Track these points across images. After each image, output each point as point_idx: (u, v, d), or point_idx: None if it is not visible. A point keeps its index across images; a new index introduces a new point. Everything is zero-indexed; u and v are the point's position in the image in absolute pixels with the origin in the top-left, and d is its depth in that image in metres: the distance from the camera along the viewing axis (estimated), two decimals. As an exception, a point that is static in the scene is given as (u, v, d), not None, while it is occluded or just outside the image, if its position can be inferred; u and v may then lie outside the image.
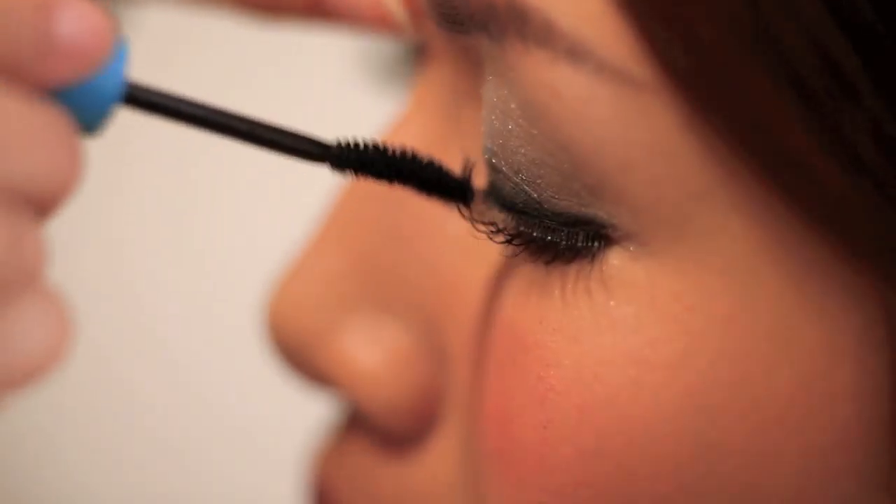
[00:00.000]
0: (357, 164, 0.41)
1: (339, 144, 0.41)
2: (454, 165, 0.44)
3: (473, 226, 0.42)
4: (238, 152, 0.49)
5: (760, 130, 0.37)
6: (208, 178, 1.04)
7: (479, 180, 0.43)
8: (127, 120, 0.42)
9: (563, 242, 0.40)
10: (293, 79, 1.07)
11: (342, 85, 0.99)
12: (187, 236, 1.06)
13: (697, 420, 0.40)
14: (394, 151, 0.41)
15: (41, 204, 0.36)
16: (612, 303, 0.40)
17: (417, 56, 0.52)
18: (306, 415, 0.69)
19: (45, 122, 0.35)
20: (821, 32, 0.36)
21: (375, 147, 0.41)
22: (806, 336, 0.39)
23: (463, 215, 0.42)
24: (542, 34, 0.38)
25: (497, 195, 0.41)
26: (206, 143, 0.43)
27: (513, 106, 0.40)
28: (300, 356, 0.49)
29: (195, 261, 1.05)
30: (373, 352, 0.47)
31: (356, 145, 0.41)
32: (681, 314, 0.40)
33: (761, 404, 0.40)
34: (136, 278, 1.05)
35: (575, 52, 0.38)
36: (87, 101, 0.37)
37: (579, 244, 0.40)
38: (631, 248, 0.40)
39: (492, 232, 0.42)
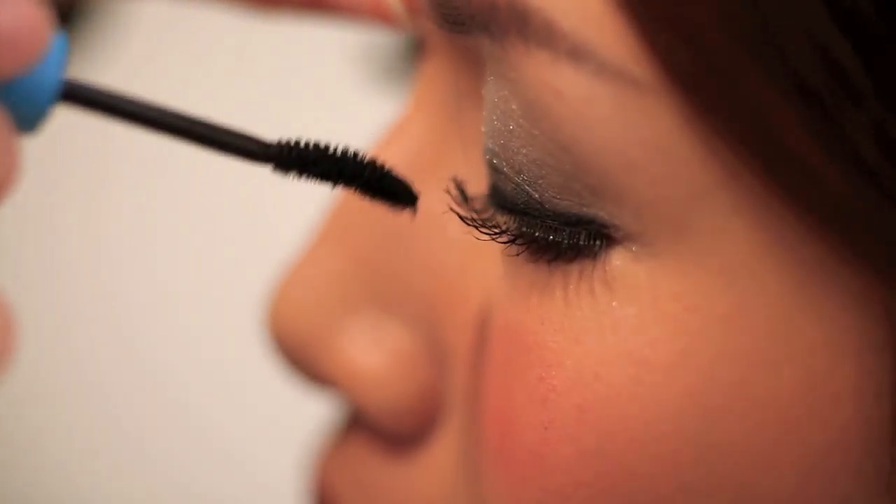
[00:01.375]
0: (299, 165, 0.40)
1: (280, 144, 0.40)
2: (455, 166, 0.44)
3: (477, 228, 0.42)
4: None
5: (761, 131, 0.37)
6: (207, 179, 1.03)
7: (480, 182, 0.43)
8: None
9: (566, 242, 0.40)
10: (291, 76, 1.07)
11: (342, 83, 0.98)
12: (187, 238, 1.06)
13: (697, 420, 0.40)
14: (336, 151, 0.41)
15: None
16: (614, 303, 0.40)
17: (418, 55, 0.51)
18: (307, 416, 0.69)
19: None
20: (821, 32, 0.36)
21: (317, 147, 0.41)
22: (806, 336, 0.39)
23: (464, 219, 0.42)
24: (543, 35, 0.38)
25: (498, 196, 0.41)
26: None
27: (514, 106, 0.40)
28: (301, 358, 0.49)
29: (196, 262, 1.05)
30: (374, 353, 0.47)
31: (297, 144, 0.40)
32: (681, 314, 0.40)
33: (762, 404, 0.40)
34: (136, 279, 1.05)
35: (576, 53, 0.38)
36: (23, 98, 0.36)
37: (581, 243, 0.40)
38: (633, 249, 0.40)
39: (494, 233, 0.42)
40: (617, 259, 0.40)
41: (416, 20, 0.50)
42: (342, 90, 0.98)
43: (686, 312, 0.40)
